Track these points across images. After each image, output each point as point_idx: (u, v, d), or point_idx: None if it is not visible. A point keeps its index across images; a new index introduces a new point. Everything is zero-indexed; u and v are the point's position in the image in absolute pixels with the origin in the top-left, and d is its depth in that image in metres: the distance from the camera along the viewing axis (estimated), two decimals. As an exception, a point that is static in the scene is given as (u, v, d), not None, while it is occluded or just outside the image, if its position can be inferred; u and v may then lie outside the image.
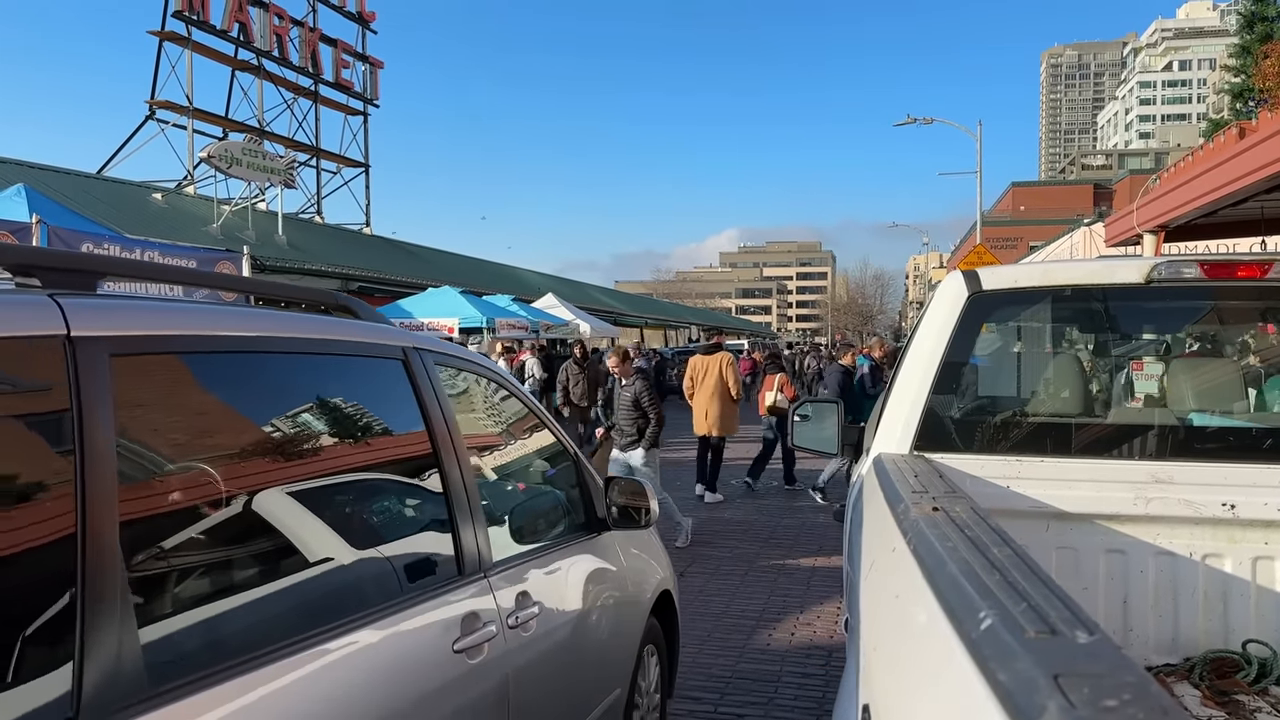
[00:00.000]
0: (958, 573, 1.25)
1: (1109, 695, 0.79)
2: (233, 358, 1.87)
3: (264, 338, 1.95)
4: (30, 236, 7.24)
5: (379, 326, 2.46)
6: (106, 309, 1.62)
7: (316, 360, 2.12)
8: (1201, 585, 2.79)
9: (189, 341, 1.76)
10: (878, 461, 2.79)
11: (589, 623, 3.04)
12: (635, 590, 3.51)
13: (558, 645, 2.77)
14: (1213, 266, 3.03)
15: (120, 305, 1.70)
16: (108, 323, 1.59)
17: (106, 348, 1.54)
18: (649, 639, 3.63)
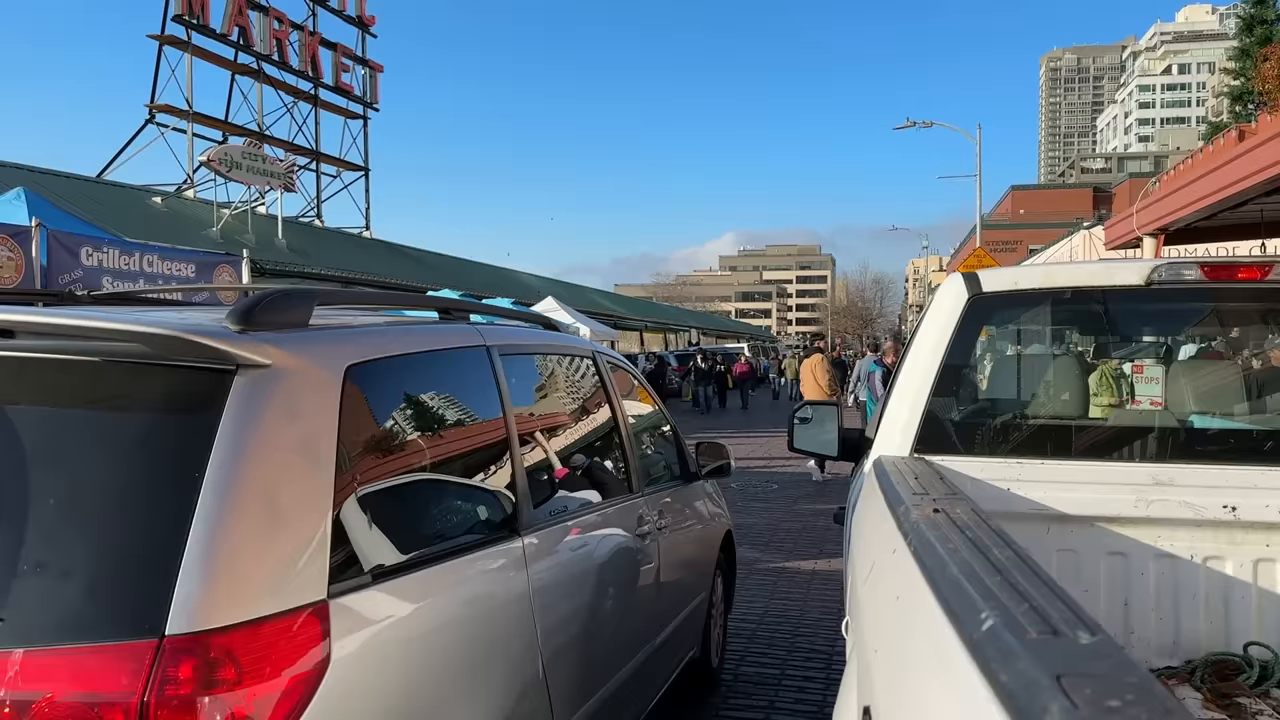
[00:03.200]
0: (959, 574, 1.24)
1: (1112, 696, 0.78)
2: (531, 358, 3.31)
3: (542, 345, 3.45)
4: (30, 240, 7.25)
5: (574, 338, 4.04)
6: (489, 331, 2.98)
7: (552, 357, 3.48)
8: (1203, 588, 2.79)
9: (520, 348, 3.21)
10: (878, 464, 2.78)
11: (690, 537, 4.33)
12: (713, 524, 4.79)
13: (675, 547, 4.02)
14: (1213, 268, 3.02)
15: (488, 329, 3.03)
16: (497, 337, 2.96)
17: (498, 352, 2.86)
18: (718, 565, 4.86)
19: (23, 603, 1.64)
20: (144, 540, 1.70)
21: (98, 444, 1.82)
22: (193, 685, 1.58)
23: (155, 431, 1.82)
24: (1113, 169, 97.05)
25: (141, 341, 1.82)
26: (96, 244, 8.10)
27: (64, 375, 1.87)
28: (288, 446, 1.89)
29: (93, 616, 1.63)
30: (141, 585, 1.65)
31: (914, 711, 1.10)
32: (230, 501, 1.72)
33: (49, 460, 1.79)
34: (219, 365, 1.85)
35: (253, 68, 23.92)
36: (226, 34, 22.64)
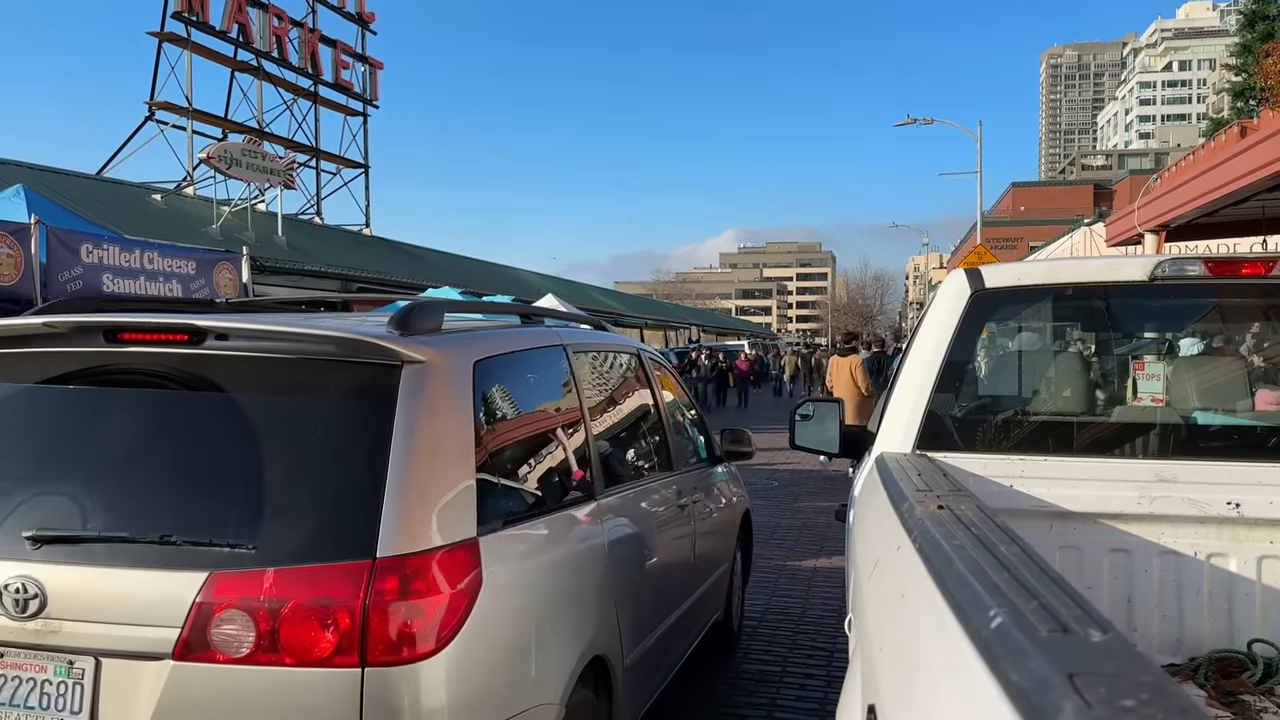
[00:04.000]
0: (965, 571, 1.23)
1: (1126, 695, 0.77)
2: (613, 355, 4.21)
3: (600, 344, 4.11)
4: (29, 238, 7.23)
5: (625, 339, 4.94)
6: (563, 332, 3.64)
7: (608, 354, 4.15)
8: (1206, 585, 2.78)
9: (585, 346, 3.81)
10: (880, 461, 2.77)
11: (716, 512, 4.88)
12: (735, 503, 5.36)
13: (705, 520, 4.59)
14: (1217, 264, 3.02)
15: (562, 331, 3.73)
16: (569, 338, 3.58)
17: (571, 349, 3.49)
18: (738, 540, 5.43)
19: (270, 536, 2.26)
20: (355, 490, 2.32)
21: (311, 419, 2.46)
22: (395, 594, 2.19)
23: (351, 409, 2.47)
24: (1113, 166, 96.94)
25: (334, 344, 2.49)
26: (96, 241, 8.08)
27: (276, 367, 2.51)
28: (443, 422, 2.50)
29: (324, 545, 2.26)
30: (357, 522, 2.26)
31: (922, 711, 1.09)
32: (410, 464, 2.34)
33: (277, 430, 2.45)
34: (390, 361, 2.46)
35: (252, 65, 23.88)
36: (226, 31, 22.59)
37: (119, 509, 2.41)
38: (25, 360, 2.66)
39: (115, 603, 2.26)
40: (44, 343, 2.65)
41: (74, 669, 2.27)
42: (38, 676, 2.29)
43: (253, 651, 2.18)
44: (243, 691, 2.18)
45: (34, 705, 2.28)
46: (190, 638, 2.19)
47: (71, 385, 2.65)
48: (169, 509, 2.39)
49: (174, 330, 2.56)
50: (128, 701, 2.23)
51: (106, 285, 7.95)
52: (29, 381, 2.68)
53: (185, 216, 19.65)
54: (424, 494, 2.36)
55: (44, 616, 2.27)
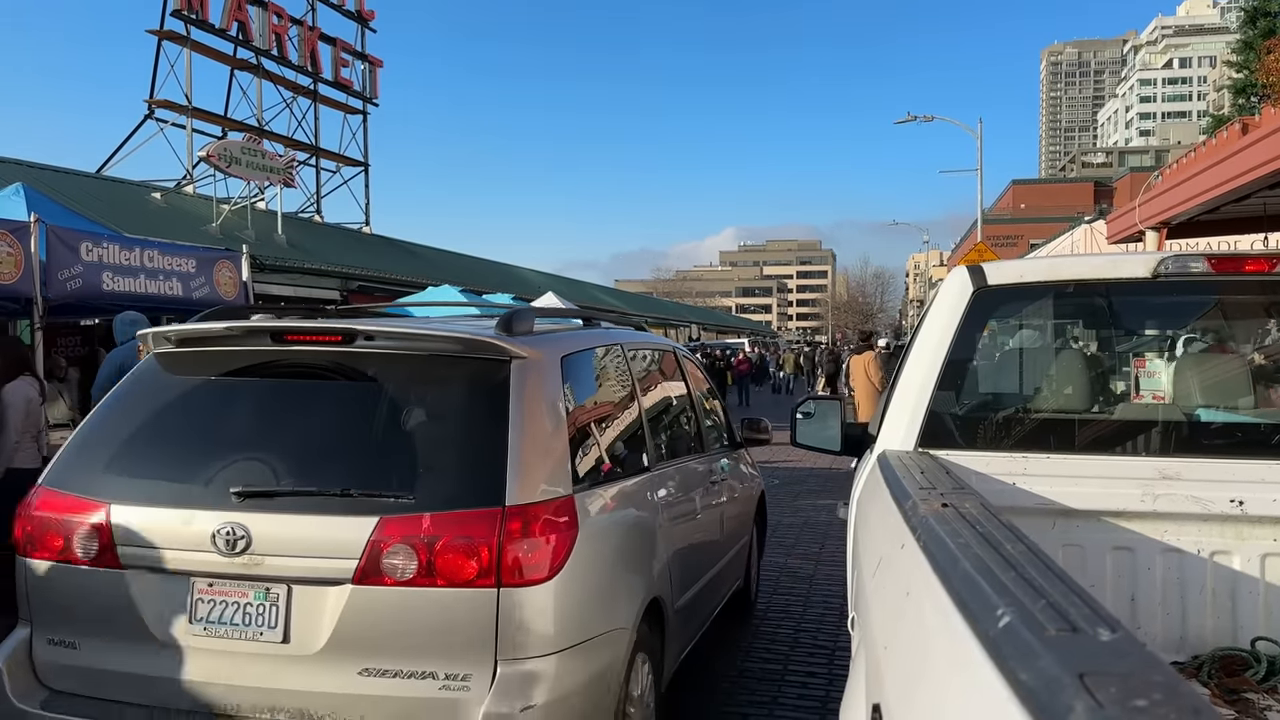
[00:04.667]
0: (971, 569, 1.22)
1: (1138, 695, 0.76)
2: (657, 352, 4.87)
3: (646, 343, 4.81)
4: (28, 236, 7.22)
5: (663, 338, 5.54)
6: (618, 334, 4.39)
7: (652, 351, 4.80)
8: (1210, 582, 2.77)
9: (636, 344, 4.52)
10: (882, 458, 2.76)
11: (738, 491, 5.49)
12: (752, 485, 5.99)
13: (730, 497, 5.22)
14: (1220, 261, 3.00)
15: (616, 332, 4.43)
16: (624, 338, 4.40)
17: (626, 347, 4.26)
18: (755, 518, 6.06)
19: (424, 489, 2.94)
20: (485, 454, 2.97)
21: (445, 399, 3.17)
22: (520, 533, 2.85)
23: (475, 392, 3.14)
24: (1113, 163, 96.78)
25: (459, 343, 3.20)
26: (96, 239, 8.05)
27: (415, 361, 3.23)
28: (543, 404, 3.16)
29: (465, 496, 2.92)
30: (488, 479, 2.92)
31: (929, 710, 1.08)
32: (523, 435, 3.01)
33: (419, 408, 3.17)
34: (501, 356, 3.14)
35: (252, 63, 23.84)
36: (225, 29, 22.56)
37: (305, 470, 3.11)
38: (212, 356, 3.39)
39: (305, 541, 2.92)
40: (223, 342, 3.38)
41: (270, 594, 2.93)
42: (240, 601, 2.95)
43: (414, 576, 2.83)
44: (407, 607, 2.85)
45: (238, 623, 2.94)
46: (366, 567, 2.84)
47: (252, 375, 3.38)
48: (344, 469, 3.08)
49: (331, 332, 3.28)
50: (314, 618, 2.89)
51: (106, 284, 7.92)
52: (217, 372, 3.38)
53: (185, 215, 19.63)
54: (534, 458, 3.03)
55: (249, 554, 2.91)
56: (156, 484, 3.14)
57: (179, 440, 3.32)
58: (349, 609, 2.85)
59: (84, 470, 3.21)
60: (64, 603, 3.10)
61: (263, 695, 2.91)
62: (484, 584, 2.82)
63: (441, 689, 2.83)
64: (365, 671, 2.85)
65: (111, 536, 3.03)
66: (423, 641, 2.86)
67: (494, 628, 2.84)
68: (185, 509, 3.00)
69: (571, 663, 2.97)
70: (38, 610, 3.14)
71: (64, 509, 3.12)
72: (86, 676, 3.05)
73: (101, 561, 3.04)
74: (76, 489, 3.15)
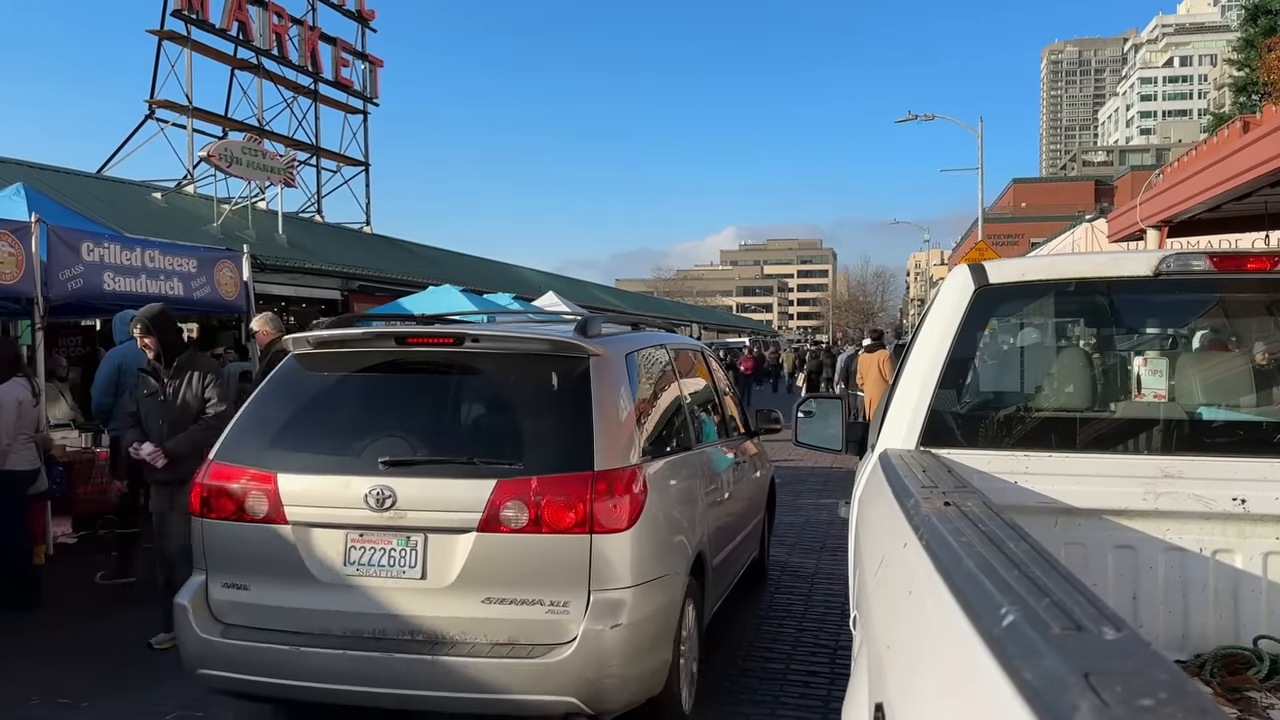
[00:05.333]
0: (974, 568, 1.22)
1: (1144, 694, 0.76)
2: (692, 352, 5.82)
3: (682, 343, 5.70)
4: (29, 236, 7.22)
5: (694, 340, 6.95)
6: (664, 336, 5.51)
7: (689, 350, 5.67)
8: (1212, 581, 2.76)
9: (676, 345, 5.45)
10: (884, 457, 2.76)
11: (755, 473, 6.29)
12: (765, 469, 6.78)
13: (749, 477, 5.98)
14: (1222, 259, 3.00)
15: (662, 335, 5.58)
16: (667, 339, 5.44)
17: (670, 347, 5.27)
18: (768, 498, 6.88)
19: (530, 458, 3.70)
20: (577, 431, 3.73)
21: (541, 388, 3.91)
22: (605, 493, 3.59)
23: (563, 382, 3.86)
24: (1114, 162, 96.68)
25: (548, 343, 4.04)
26: (97, 240, 8.05)
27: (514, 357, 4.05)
28: (616, 391, 3.93)
29: (563, 463, 3.66)
30: (581, 450, 3.67)
31: (933, 710, 1.08)
32: (603, 416, 3.78)
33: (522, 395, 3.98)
34: (581, 354, 3.90)
35: (252, 63, 23.84)
36: (226, 29, 22.55)
37: (435, 443, 3.98)
38: (346, 356, 4.20)
39: (439, 499, 3.67)
40: (355, 344, 4.18)
41: (410, 541, 3.68)
42: (386, 547, 3.69)
43: (525, 526, 3.58)
44: (520, 549, 3.60)
45: (384, 565, 3.68)
46: (487, 518, 3.60)
47: (380, 370, 4.20)
48: (465, 443, 4.06)
49: (445, 336, 4.08)
50: (446, 559, 3.64)
51: (107, 284, 7.92)
52: (352, 369, 4.21)
53: (186, 215, 19.63)
54: (612, 434, 3.79)
55: (394, 510, 3.65)
56: (315, 457, 3.92)
57: (327, 422, 4.12)
58: (474, 551, 3.61)
59: (248, 447, 3.96)
60: (236, 553, 3.85)
61: (404, 621, 3.65)
62: (579, 531, 3.58)
63: (547, 612, 3.57)
64: (487, 600, 3.60)
65: (280, 499, 3.78)
66: (532, 576, 3.59)
67: (588, 565, 3.58)
68: (342, 475, 3.77)
69: (644, 595, 3.70)
70: (213, 561, 3.89)
71: (236, 478, 3.87)
72: (255, 612, 3.78)
73: (271, 519, 3.78)
74: (245, 462, 3.90)
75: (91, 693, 4.72)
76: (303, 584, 3.71)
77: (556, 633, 3.55)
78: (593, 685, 3.52)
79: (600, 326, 4.18)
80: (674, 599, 3.91)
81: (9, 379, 6.12)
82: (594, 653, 3.52)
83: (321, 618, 3.68)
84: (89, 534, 8.25)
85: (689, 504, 4.40)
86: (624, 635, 3.57)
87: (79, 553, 7.80)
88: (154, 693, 4.74)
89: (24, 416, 6.15)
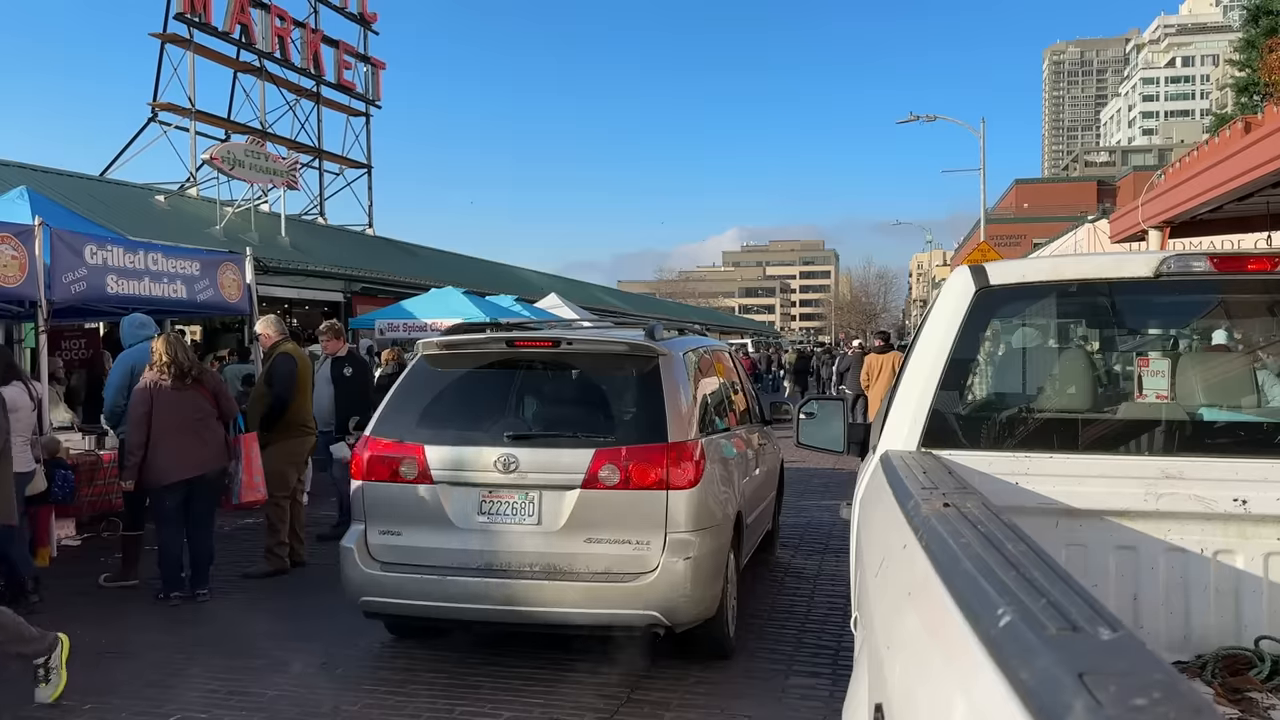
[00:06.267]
0: (973, 569, 1.22)
1: (1137, 694, 0.76)
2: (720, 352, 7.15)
3: (715, 345, 7.16)
4: (33, 239, 7.24)
5: (722, 342, 8.83)
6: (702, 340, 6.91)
7: (722, 350, 7.14)
8: (1213, 582, 2.76)
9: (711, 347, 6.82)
10: (885, 458, 2.76)
11: (769, 456, 7.17)
12: (777, 454, 7.70)
13: (765, 458, 6.87)
14: (1222, 260, 3.00)
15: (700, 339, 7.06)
16: (705, 343, 6.77)
17: (706, 348, 6.50)
18: (779, 480, 7.88)
19: (620, 433, 4.88)
20: (653, 412, 4.84)
21: (625, 380, 5.07)
22: (676, 460, 4.71)
23: (640, 375, 4.98)
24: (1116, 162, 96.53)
25: (627, 345, 5.12)
26: (100, 243, 8.06)
27: (600, 355, 5.24)
28: (679, 382, 5.00)
29: (645, 436, 4.77)
30: (657, 427, 4.77)
31: (930, 709, 1.09)
32: (672, 401, 4.86)
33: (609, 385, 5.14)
34: (651, 354, 4.97)
35: (255, 65, 23.88)
36: (228, 32, 22.60)
37: (546, 421, 5.24)
38: (466, 355, 5.35)
39: (551, 464, 4.77)
40: (473, 346, 5.34)
41: (528, 496, 4.78)
42: (510, 501, 4.80)
43: (617, 484, 4.69)
44: (613, 501, 4.70)
45: (508, 514, 4.78)
46: (588, 478, 4.70)
47: (495, 366, 5.35)
48: (570, 421, 5.17)
49: (545, 339, 5.31)
50: (556, 510, 4.73)
51: (111, 287, 7.94)
52: (471, 365, 5.32)
53: (189, 217, 19.66)
54: (679, 415, 4.89)
55: (518, 472, 4.77)
56: (453, 432, 5.03)
57: (458, 405, 5.23)
58: (578, 503, 4.71)
59: (397, 426, 5.08)
60: (391, 508, 4.95)
61: (524, 556, 4.74)
62: (658, 488, 4.69)
63: (634, 549, 4.68)
64: (588, 540, 4.69)
65: (427, 465, 4.89)
66: (622, 521, 4.69)
67: (664, 514, 4.68)
68: (476, 446, 4.89)
69: (705, 538, 4.79)
70: (371, 514, 4.98)
71: (390, 449, 4.99)
72: (406, 553, 4.89)
73: (420, 480, 4.90)
74: (396, 436, 5.03)
75: (93, 694, 4.73)
76: (444, 530, 4.83)
77: (641, 564, 4.66)
78: (669, 603, 4.62)
79: (662, 332, 5.31)
80: (723, 543, 5.03)
81: (7, 383, 6.13)
82: (670, 579, 4.62)
83: (460, 555, 4.78)
84: (92, 536, 8.27)
85: (731, 472, 5.48)
86: (692, 567, 4.66)
87: (83, 555, 7.82)
88: (155, 694, 4.75)
89: (21, 420, 6.17)
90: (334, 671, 5.09)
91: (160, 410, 6.34)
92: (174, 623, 5.98)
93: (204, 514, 6.61)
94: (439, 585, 4.73)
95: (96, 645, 5.48)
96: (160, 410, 6.34)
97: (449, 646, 5.45)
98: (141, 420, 6.31)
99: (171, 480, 6.36)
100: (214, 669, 5.11)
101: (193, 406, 6.46)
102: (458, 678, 4.98)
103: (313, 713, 4.52)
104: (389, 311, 17.73)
